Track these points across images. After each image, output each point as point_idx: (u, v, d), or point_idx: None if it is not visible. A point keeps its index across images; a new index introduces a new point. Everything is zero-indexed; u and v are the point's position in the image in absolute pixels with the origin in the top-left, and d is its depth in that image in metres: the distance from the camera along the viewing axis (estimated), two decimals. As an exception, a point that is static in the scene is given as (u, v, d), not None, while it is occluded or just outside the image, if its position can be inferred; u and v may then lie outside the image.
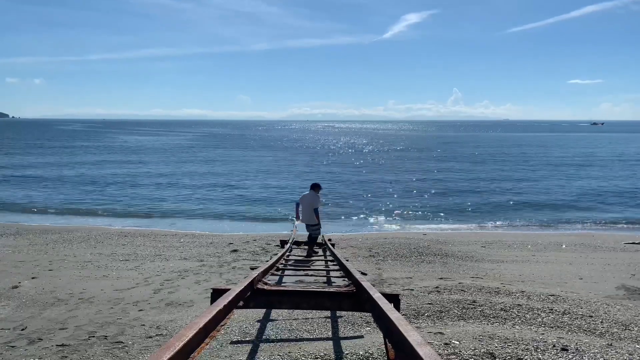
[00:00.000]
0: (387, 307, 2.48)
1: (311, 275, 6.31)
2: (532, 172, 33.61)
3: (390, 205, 21.36)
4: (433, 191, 25.20)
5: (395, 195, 24.06)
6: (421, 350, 1.64)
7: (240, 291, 3.04)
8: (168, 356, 1.58)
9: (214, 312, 2.26)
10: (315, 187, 10.30)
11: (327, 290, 3.77)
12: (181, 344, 1.71)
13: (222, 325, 2.42)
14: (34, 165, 37.97)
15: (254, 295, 3.54)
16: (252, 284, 3.51)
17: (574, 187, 26.45)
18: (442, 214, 19.22)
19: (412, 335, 1.83)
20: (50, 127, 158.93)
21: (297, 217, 10.38)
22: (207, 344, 2.09)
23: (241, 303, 3.10)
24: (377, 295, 2.86)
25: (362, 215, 19.21)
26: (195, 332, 1.89)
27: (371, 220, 18.40)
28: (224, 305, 2.47)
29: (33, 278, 8.49)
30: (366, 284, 3.32)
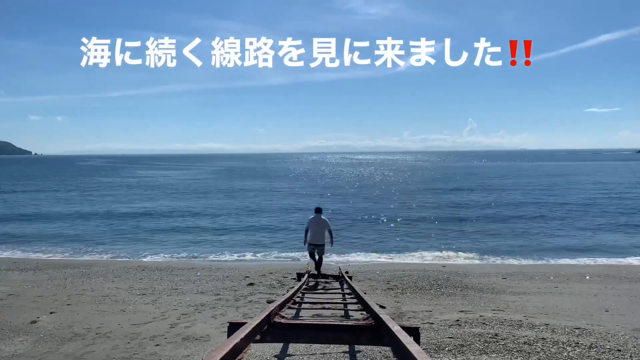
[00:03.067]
0: (406, 340, 2.43)
1: (328, 309, 6.23)
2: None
3: (408, 237, 21.15)
4: (452, 223, 24.93)
5: (413, 227, 23.84)
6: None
7: (257, 325, 3.01)
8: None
9: (231, 346, 2.24)
10: (320, 210, 11.87)
11: (345, 324, 3.71)
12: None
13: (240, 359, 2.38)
14: (56, 202, 38.66)
15: (270, 329, 3.50)
16: (269, 317, 3.48)
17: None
18: (461, 246, 18.93)
19: (433, 369, 1.79)
20: (72, 163, 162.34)
21: (305, 242, 11.73)
22: (223, 379, 2.06)
23: (258, 337, 3.06)
24: (396, 328, 2.80)
25: (379, 247, 19.02)
26: (211, 366, 1.87)
27: (389, 251, 18.19)
28: (241, 339, 2.45)
29: (51, 313, 8.52)
30: (385, 317, 3.26)
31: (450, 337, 6.34)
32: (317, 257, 11.73)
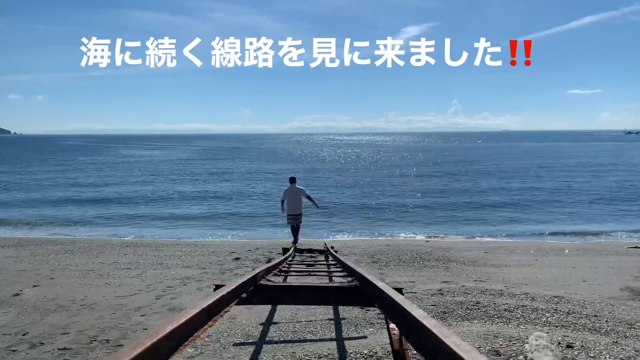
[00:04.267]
0: (391, 292, 2.47)
1: (314, 275, 6.30)
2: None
3: (393, 214, 21.33)
4: (436, 201, 25.16)
5: (397, 205, 24.03)
6: (427, 322, 1.64)
7: (244, 282, 3.03)
8: (170, 328, 1.57)
9: (218, 297, 2.25)
10: (295, 180, 12.17)
11: (331, 285, 3.76)
12: (184, 319, 1.71)
13: (226, 312, 2.40)
14: (33, 181, 38.09)
15: (257, 291, 3.53)
16: (255, 278, 3.50)
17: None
18: (445, 223, 19.14)
19: (417, 311, 1.83)
20: (52, 143, 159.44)
21: (282, 209, 12.19)
22: (210, 327, 2.08)
23: (244, 295, 3.09)
24: (381, 284, 2.85)
25: (363, 223, 19.16)
26: (198, 310, 1.89)
27: (373, 228, 18.34)
28: (227, 292, 2.46)
29: (35, 286, 8.46)
30: (370, 276, 3.31)
31: (433, 305, 6.47)
32: (294, 229, 12.34)
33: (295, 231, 12.32)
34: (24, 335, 5.77)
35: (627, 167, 44.09)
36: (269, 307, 6.35)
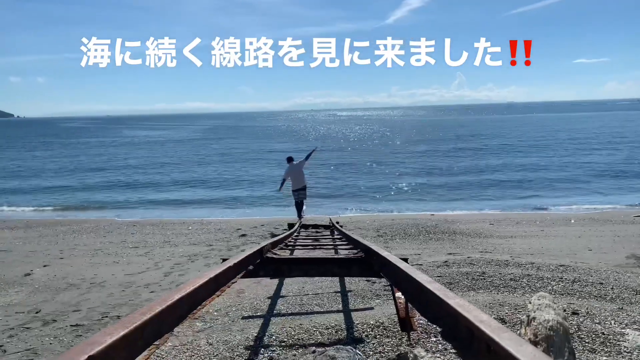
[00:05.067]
0: (396, 260, 2.48)
1: (320, 249, 6.35)
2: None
3: (398, 190, 21.33)
4: (441, 178, 25.10)
5: (402, 182, 23.99)
6: (431, 286, 1.65)
7: (250, 255, 3.05)
8: (179, 297, 1.59)
9: (225, 267, 2.27)
10: (292, 159, 12.82)
11: (336, 257, 3.79)
12: (192, 288, 1.73)
13: (233, 283, 2.43)
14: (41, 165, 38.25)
15: (263, 264, 3.56)
16: (261, 252, 3.53)
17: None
18: (451, 201, 19.08)
19: (421, 276, 1.84)
20: (55, 125, 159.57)
21: (280, 188, 12.90)
22: (218, 296, 2.10)
23: (251, 267, 3.12)
24: (386, 253, 2.87)
25: (369, 199, 19.20)
26: (205, 280, 1.91)
27: (378, 204, 18.39)
28: (234, 264, 2.49)
29: (45, 266, 8.58)
30: (375, 247, 3.33)
31: (439, 276, 6.51)
32: (299, 201, 12.81)
33: (299, 207, 12.58)
34: (36, 313, 5.88)
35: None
36: (276, 282, 6.42)
